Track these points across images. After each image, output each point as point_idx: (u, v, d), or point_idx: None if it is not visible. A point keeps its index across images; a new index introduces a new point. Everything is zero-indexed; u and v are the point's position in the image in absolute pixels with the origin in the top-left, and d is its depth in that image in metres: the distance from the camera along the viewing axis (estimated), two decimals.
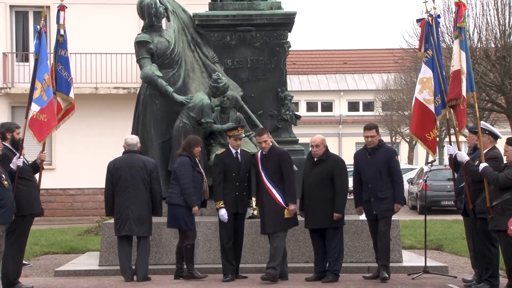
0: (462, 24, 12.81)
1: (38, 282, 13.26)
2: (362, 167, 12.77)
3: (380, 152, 12.69)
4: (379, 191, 12.54)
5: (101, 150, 26.31)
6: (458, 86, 12.33)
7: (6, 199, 11.69)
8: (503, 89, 30.06)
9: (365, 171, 12.69)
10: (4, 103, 31.53)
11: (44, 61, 13.33)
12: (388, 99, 51.45)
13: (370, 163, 12.65)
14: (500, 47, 30.23)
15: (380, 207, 12.54)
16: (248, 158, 12.93)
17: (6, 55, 31.83)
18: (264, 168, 12.48)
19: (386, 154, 12.77)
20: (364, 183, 12.72)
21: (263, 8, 15.71)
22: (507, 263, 11.86)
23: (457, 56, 12.48)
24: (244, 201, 12.82)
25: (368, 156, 12.70)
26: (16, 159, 12.49)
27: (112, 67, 31.56)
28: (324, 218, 12.49)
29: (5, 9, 32.03)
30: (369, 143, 12.67)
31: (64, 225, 21.78)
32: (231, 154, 12.74)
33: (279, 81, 15.67)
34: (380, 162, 12.60)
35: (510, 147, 11.61)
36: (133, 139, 13.34)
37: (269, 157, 12.53)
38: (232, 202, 12.56)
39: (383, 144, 13.01)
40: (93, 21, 30.33)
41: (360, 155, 12.94)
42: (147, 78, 14.87)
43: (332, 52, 65.61)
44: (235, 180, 12.65)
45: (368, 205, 12.68)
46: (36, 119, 13.05)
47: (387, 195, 12.55)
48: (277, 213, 12.27)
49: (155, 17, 15.08)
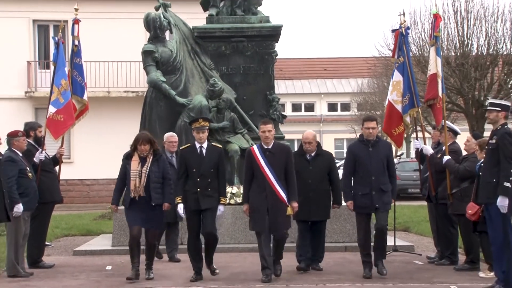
0: (438, 34, 12.90)
1: (59, 260, 13.26)
2: (363, 159, 10.88)
3: (381, 145, 11.08)
4: (382, 184, 10.86)
5: (113, 145, 26.16)
6: (435, 87, 12.41)
7: (30, 189, 11.74)
8: (461, 91, 30.16)
9: (367, 163, 10.85)
10: (28, 105, 31.49)
11: (62, 68, 13.32)
12: (362, 101, 51.37)
13: (372, 155, 10.87)
14: (459, 56, 30.27)
15: (383, 199, 10.88)
16: (216, 154, 10.73)
17: (30, 63, 31.77)
18: (269, 164, 10.39)
19: (386, 148, 11.26)
20: (363, 176, 10.87)
21: (254, 22, 15.70)
22: (465, 242, 11.93)
23: (433, 61, 12.53)
24: (208, 197, 10.53)
25: (370, 149, 10.91)
26: (38, 154, 12.51)
27: (122, 73, 31.51)
28: (325, 210, 11.46)
29: (28, 23, 32.05)
30: (369, 135, 10.96)
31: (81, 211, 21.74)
32: (194, 149, 10.73)
33: (268, 85, 15.66)
34: (383, 155, 10.95)
35: (472, 140, 11.67)
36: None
37: (275, 152, 10.50)
38: (193, 198, 10.52)
39: (380, 138, 11.45)
40: (105, 33, 30.28)
41: (359, 148, 11.09)
42: (152, 83, 14.87)
43: (314, 60, 65.52)
44: (196, 176, 10.53)
45: (367, 199, 10.83)
46: (52, 119, 13.08)
47: (388, 188, 10.94)
48: (283, 212, 10.36)
49: (159, 29, 15.08)
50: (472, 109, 30.20)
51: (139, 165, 10.63)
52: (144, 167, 10.61)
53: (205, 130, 10.76)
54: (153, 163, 10.69)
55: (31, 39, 32.42)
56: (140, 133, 11.18)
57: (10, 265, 11.70)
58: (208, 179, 10.52)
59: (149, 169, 10.61)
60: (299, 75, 62.48)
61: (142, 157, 10.70)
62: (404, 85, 12.86)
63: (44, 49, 32.80)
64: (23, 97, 31.62)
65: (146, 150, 10.66)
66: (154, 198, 10.58)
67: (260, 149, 10.51)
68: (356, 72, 57.69)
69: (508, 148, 9.74)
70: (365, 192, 10.83)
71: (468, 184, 11.25)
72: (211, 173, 10.57)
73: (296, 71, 61.75)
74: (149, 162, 10.67)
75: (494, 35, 30.49)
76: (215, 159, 10.66)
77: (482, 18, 30.58)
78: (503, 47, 30.63)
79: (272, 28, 15.72)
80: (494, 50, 30.51)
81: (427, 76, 12.88)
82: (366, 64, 47.47)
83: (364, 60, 49.73)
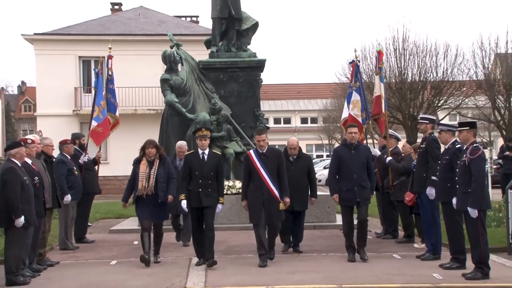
0: (381, 65, 13.00)
1: (98, 237, 13.23)
2: (347, 160, 9.91)
3: (361, 149, 10.10)
4: (363, 181, 9.87)
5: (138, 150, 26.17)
6: (379, 106, 12.48)
7: (76, 183, 11.75)
8: (400, 109, 30.36)
9: (350, 164, 9.88)
10: (75, 120, 31.53)
11: (100, 92, 13.34)
12: (326, 116, 51.53)
13: (354, 157, 9.90)
14: (398, 82, 30.44)
15: (364, 195, 9.89)
16: (216, 159, 9.83)
17: (76, 89, 31.84)
18: (264, 166, 9.62)
19: (366, 151, 10.27)
20: (347, 174, 9.87)
21: (244, 57, 15.67)
22: (403, 221, 11.97)
23: (378, 86, 12.62)
24: (209, 196, 9.65)
25: (352, 151, 9.95)
26: (82, 157, 12.52)
27: (146, 96, 31.51)
28: (304, 202, 10.67)
29: (75, 59, 32.23)
30: (352, 138, 9.98)
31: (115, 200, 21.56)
32: (197, 155, 9.81)
33: (255, 104, 15.62)
34: (363, 156, 9.96)
35: (408, 145, 11.72)
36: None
37: (269, 155, 9.71)
38: (196, 197, 9.61)
39: (360, 142, 10.39)
40: (132, 65, 30.29)
41: (342, 150, 10.11)
42: (168, 103, 14.81)
43: (290, 85, 65.68)
44: (199, 177, 9.63)
45: (350, 194, 9.85)
46: (94, 131, 13.13)
47: (368, 185, 9.97)
48: (276, 206, 9.61)
49: (173, 63, 15.04)
50: (408, 122, 30.36)
51: (147, 168, 9.80)
52: (152, 170, 9.79)
53: (207, 138, 9.87)
54: (159, 166, 9.87)
55: (77, 70, 32.46)
56: (147, 140, 10.14)
57: (61, 240, 11.70)
58: (208, 180, 9.65)
59: (156, 171, 9.80)
60: (279, 97, 62.63)
61: (150, 161, 9.86)
62: (361, 103, 12.91)
63: (87, 78, 32.82)
64: (71, 114, 31.62)
65: (153, 153, 9.86)
66: (161, 196, 9.79)
67: (256, 153, 9.77)
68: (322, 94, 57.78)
69: (434, 151, 9.84)
70: (348, 187, 9.85)
71: (405, 178, 11.27)
72: (211, 175, 9.67)
73: (276, 93, 61.89)
74: (156, 165, 9.86)
75: (424, 67, 30.75)
76: (215, 164, 9.76)
77: (415, 54, 30.81)
78: (431, 75, 30.93)
79: (258, 61, 15.70)
80: (424, 77, 30.74)
81: (373, 97, 12.91)
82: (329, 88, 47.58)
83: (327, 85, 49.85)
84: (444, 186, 9.05)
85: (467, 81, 31.93)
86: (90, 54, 31.78)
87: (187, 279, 8.60)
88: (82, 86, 32.71)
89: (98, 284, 8.41)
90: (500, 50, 31.10)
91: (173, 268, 9.46)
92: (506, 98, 30.52)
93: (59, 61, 31.72)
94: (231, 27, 15.76)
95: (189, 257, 10.20)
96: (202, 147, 9.81)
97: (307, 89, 64.05)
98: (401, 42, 30.71)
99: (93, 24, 34.81)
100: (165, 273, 9.11)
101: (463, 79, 31.84)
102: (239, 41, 15.87)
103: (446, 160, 9.19)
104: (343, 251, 10.24)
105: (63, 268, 9.76)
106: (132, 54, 30.86)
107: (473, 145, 8.56)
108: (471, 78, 31.51)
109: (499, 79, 31.07)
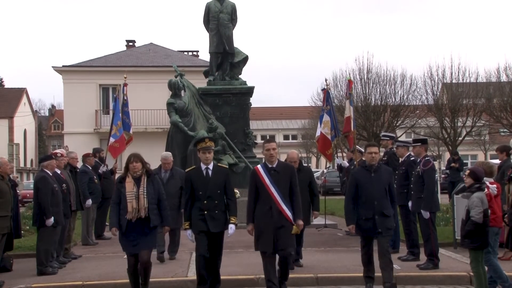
0: (351, 91, 13.06)
1: None
2: (366, 185, 7.11)
3: (382, 171, 7.24)
4: (385, 208, 7.06)
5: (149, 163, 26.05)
6: (349, 125, 12.49)
7: (96, 190, 11.72)
8: (366, 128, 30.58)
9: (370, 189, 7.09)
10: (96, 137, 31.50)
11: (117, 114, 13.28)
12: (305, 133, 51.71)
13: (374, 181, 7.12)
14: (364, 105, 30.72)
15: (386, 224, 7.05)
16: (223, 174, 7.09)
17: (97, 111, 31.90)
18: (274, 182, 6.73)
19: (388, 174, 7.31)
20: (366, 201, 7.08)
21: (236, 84, 15.65)
22: None
23: (348, 108, 12.65)
24: (217, 220, 6.94)
25: (372, 174, 7.16)
26: (101, 168, 12.44)
27: (155, 117, 31.50)
28: (306, 218, 8.19)
29: (96, 86, 32.41)
30: (372, 159, 7.21)
31: None
32: (200, 171, 7.06)
33: (245, 124, 15.57)
34: (385, 180, 7.16)
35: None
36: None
37: (279, 170, 6.82)
38: (200, 220, 6.89)
39: (380, 163, 7.46)
40: (143, 92, 30.28)
41: (361, 173, 7.28)
42: (173, 123, 14.74)
43: (274, 108, 65.82)
44: (203, 198, 6.91)
45: (371, 223, 7.06)
46: (112, 146, 13.05)
47: (391, 213, 7.15)
48: (289, 231, 6.68)
49: (177, 89, 15.00)
50: (372, 139, 30.47)
51: (135, 186, 6.84)
52: (141, 188, 6.84)
53: (211, 150, 7.19)
54: (148, 184, 6.91)
55: (98, 96, 32.52)
56: (131, 153, 7.17)
57: (83, 237, 11.64)
58: (215, 201, 6.95)
59: (146, 190, 6.85)
60: (265, 117, 62.70)
61: (136, 177, 6.91)
62: (331, 123, 12.99)
63: (106, 102, 32.83)
64: (92, 132, 31.60)
65: (139, 168, 6.92)
66: (153, 220, 6.81)
67: (265, 168, 6.86)
68: (300, 116, 57.85)
69: (393, 162, 9.87)
70: (368, 216, 7.07)
71: None
72: (218, 194, 6.98)
73: (263, 115, 61.92)
74: (144, 182, 6.90)
75: (384, 93, 31.13)
76: (222, 180, 7.03)
77: (377, 82, 31.19)
78: (390, 100, 31.32)
79: (248, 88, 15.68)
80: (385, 102, 31.10)
81: (344, 117, 12.96)
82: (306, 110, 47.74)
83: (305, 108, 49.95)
84: (401, 192, 9.02)
85: (419, 105, 32.47)
86: (108, 82, 31.87)
87: (188, 270, 8.55)
88: (101, 109, 32.71)
89: (113, 274, 8.34)
90: (446, 80, 31.64)
91: (176, 261, 9.40)
92: (452, 119, 31.26)
93: (82, 88, 31.81)
94: (226, 60, 15.77)
95: (190, 251, 10.13)
96: (205, 161, 7.09)
97: (288, 111, 64.18)
98: (366, 73, 31.05)
99: (111, 57, 34.94)
100: (170, 265, 9.05)
101: (417, 103, 32.36)
102: (232, 72, 15.86)
103: (402, 170, 9.23)
104: (317, 245, 10.19)
105: (85, 261, 9.70)
106: (144, 82, 30.90)
107: (425, 158, 8.61)
108: (423, 103, 32.14)
109: (446, 104, 31.64)
